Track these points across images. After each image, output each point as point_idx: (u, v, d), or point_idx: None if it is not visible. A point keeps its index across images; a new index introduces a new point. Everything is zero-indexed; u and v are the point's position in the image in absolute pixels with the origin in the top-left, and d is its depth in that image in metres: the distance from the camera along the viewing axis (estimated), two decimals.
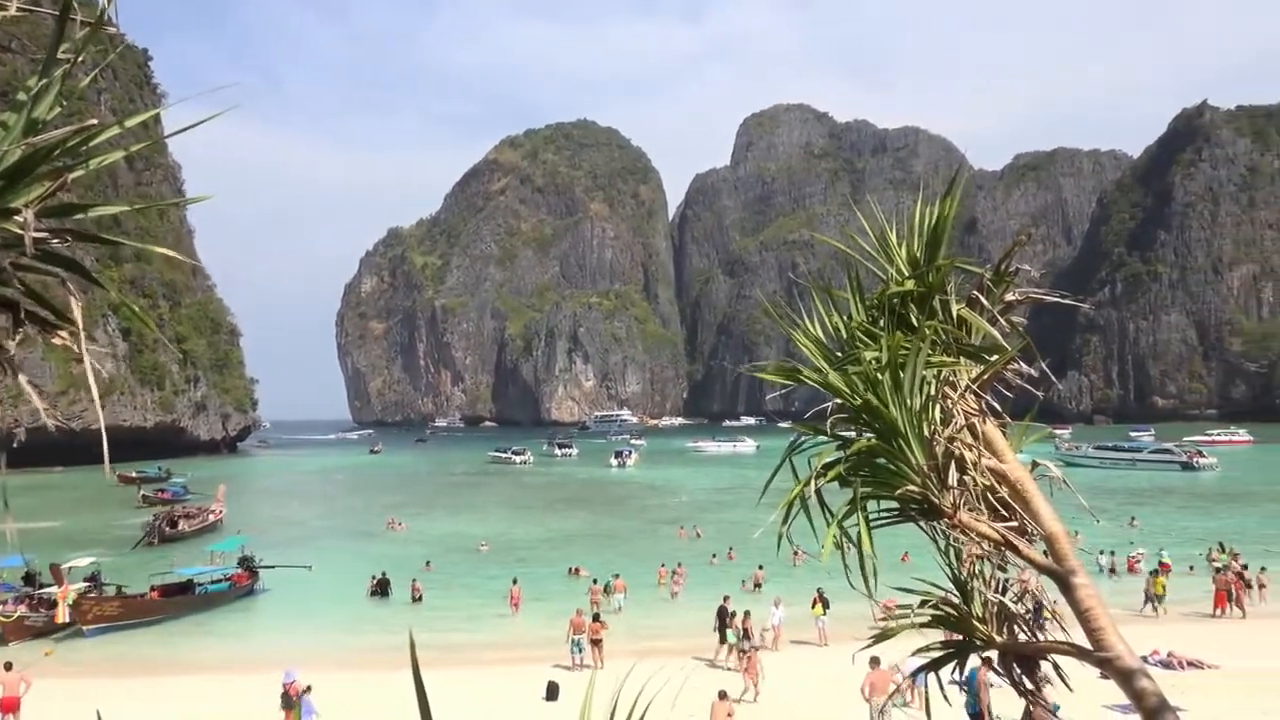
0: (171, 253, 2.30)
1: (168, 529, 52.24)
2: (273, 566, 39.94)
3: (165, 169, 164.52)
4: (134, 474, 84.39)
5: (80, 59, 2.06)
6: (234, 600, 36.69)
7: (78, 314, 2.06)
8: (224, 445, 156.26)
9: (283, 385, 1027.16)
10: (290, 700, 19.39)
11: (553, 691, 22.53)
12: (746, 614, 26.24)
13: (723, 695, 18.41)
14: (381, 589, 36.98)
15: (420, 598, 35.66)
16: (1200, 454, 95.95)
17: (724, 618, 26.34)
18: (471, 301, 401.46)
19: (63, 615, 30.37)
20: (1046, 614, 3.43)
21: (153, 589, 33.86)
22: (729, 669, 24.86)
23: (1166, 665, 23.62)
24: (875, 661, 18.42)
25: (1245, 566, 34.76)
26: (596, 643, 25.60)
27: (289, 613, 35.43)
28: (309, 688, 19.87)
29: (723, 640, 26.10)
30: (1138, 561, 38.94)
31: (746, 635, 25.43)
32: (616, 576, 35.39)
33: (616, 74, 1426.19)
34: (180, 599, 34.33)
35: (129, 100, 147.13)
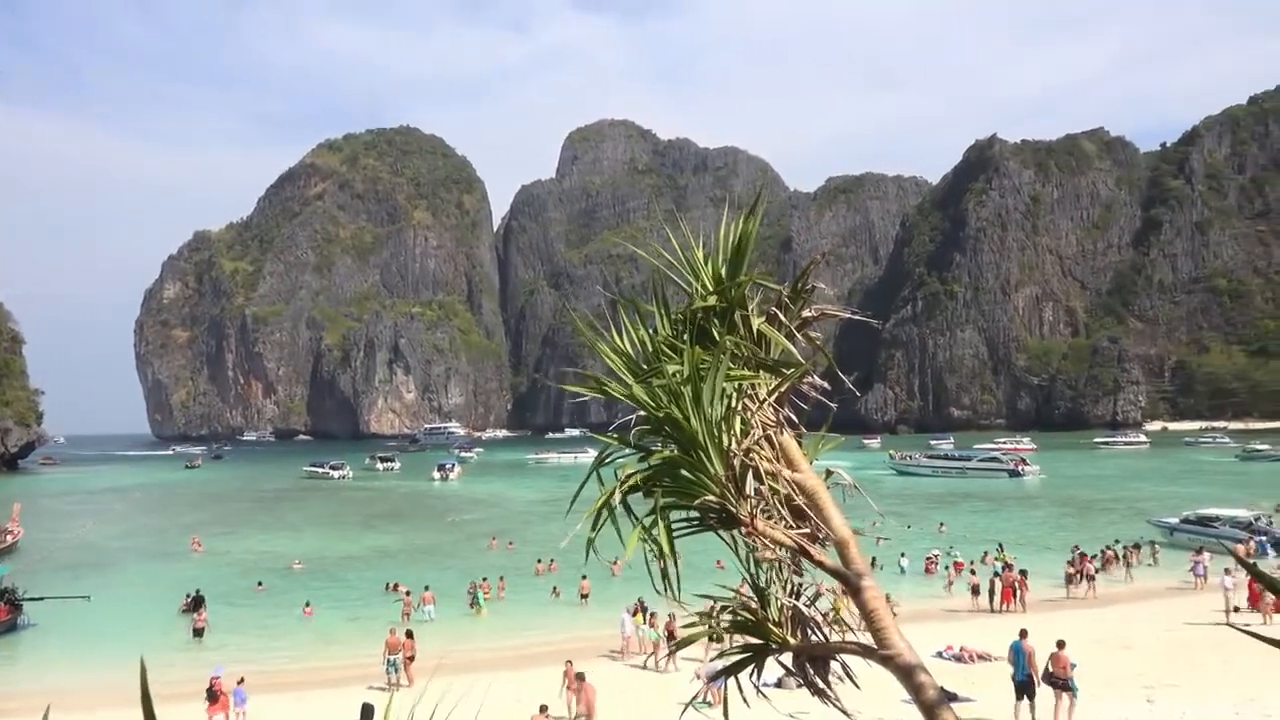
0: None
1: None
2: (41, 599, 35.73)
3: None
4: None
5: None
6: None
7: None
8: (1, 463, 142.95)
9: (80, 398, 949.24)
10: (215, 694, 20.34)
11: (367, 713, 21.71)
12: (671, 616, 26.39)
13: (543, 709, 18.37)
14: (195, 607, 34.75)
15: (201, 631, 32.43)
16: (1024, 462, 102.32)
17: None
18: (286, 310, 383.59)
19: None
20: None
21: None
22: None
23: (959, 659, 25.24)
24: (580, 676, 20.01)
25: (1026, 571, 37.80)
26: (408, 660, 25.08)
27: (59, 650, 31.43)
28: (242, 679, 21.48)
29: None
30: (934, 563, 41.69)
31: (670, 636, 25.58)
32: (427, 589, 35.19)
33: (440, 82, 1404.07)
34: None
35: None
